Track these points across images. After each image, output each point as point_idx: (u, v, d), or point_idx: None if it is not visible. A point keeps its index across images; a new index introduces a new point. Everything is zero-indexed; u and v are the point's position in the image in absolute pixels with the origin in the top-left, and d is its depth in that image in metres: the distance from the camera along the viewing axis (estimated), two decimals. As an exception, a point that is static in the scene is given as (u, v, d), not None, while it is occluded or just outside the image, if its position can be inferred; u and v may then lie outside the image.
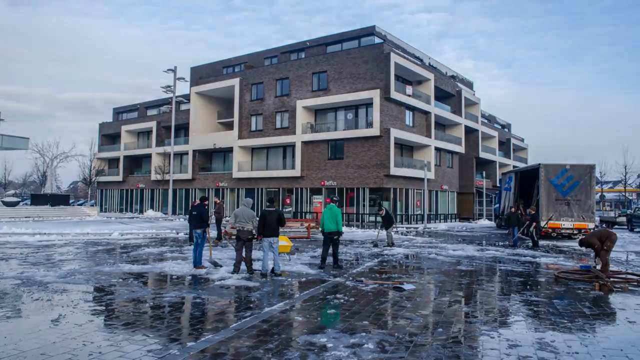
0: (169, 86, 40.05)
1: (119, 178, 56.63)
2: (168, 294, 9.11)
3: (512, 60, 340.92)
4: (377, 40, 39.54)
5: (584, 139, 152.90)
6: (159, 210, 50.88)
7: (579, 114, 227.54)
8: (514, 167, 57.17)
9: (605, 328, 7.14)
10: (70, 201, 60.99)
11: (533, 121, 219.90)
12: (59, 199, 47.90)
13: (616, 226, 36.36)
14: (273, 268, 11.43)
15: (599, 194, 62.12)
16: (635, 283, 10.75)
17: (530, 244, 20.45)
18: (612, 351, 5.95)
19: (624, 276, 11.63)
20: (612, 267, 13.43)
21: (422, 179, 36.60)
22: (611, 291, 9.96)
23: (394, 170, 35.24)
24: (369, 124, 35.99)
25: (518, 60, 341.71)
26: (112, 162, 59.91)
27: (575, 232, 23.08)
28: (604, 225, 36.88)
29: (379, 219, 24.70)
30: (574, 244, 21.31)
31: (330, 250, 12.87)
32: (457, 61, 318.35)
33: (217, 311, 7.79)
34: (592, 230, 12.02)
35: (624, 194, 66.41)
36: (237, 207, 43.42)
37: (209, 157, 49.65)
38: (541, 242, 21.75)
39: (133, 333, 6.39)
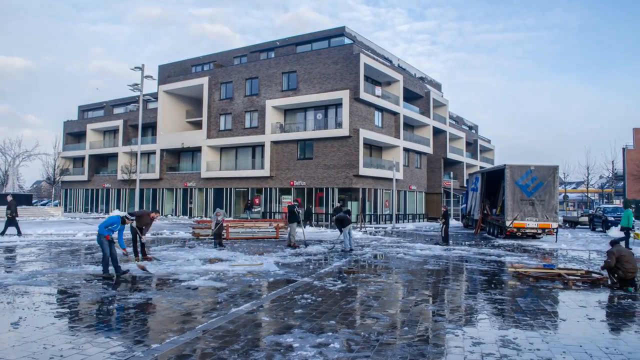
0: (137, 84, 39.50)
1: (84, 177, 55.52)
2: (133, 295, 8.98)
3: (424, 6, 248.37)
4: (347, 41, 39.70)
5: (542, 136, 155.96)
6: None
7: (523, 101, 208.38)
8: (480, 167, 58.12)
9: (565, 325, 7.32)
10: (34, 201, 59.63)
11: (473, 107, 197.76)
12: (22, 199, 46.73)
13: (578, 226, 37.31)
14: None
15: (562, 194, 63.66)
16: (596, 281, 11.03)
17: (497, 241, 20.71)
18: (572, 347, 6.11)
19: (585, 274, 11.91)
20: (574, 265, 13.78)
21: (390, 179, 36.89)
22: (571, 288, 10.21)
23: (363, 171, 35.44)
24: (339, 124, 36.12)
25: (431, 7, 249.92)
26: (77, 161, 58.67)
27: (539, 231, 23.58)
28: (566, 225, 37.80)
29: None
30: (538, 243, 21.81)
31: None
32: (349, 11, 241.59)
33: (183, 312, 7.70)
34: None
35: (586, 194, 68.24)
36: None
37: (177, 157, 49.09)
38: (506, 242, 22.18)
39: (96, 335, 6.27)
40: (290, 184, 37.98)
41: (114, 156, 53.51)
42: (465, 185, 45.70)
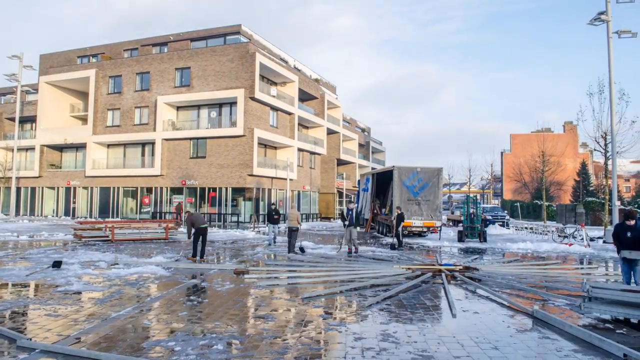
0: (14, 74, 36.71)
1: (-49, 174, 50.50)
2: (2, 304, 8.31)
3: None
4: (243, 39, 39.41)
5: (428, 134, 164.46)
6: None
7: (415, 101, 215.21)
8: (372, 168, 60.09)
9: (442, 317, 7.80)
10: None
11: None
12: None
13: (461, 224, 39.63)
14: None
15: (447, 194, 67.48)
16: (471, 274, 11.79)
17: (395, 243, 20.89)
18: (446, 338, 6.54)
19: (463, 269, 12.70)
20: (455, 261, 14.65)
21: (285, 179, 37.12)
22: (450, 283, 10.85)
23: (257, 170, 35.35)
24: (233, 123, 35.75)
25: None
26: (-57, 156, 53.22)
27: (425, 229, 24.82)
28: (450, 224, 40.07)
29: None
30: (424, 241, 22.94)
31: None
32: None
33: (59, 319, 7.25)
34: None
35: (469, 194, 72.82)
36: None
37: (59, 153, 46.02)
38: (392, 240, 22.99)
39: (-45, 348, 5.75)
40: (182, 184, 37.03)
41: (-13, 151, 49.17)
42: (357, 185, 47.01)
